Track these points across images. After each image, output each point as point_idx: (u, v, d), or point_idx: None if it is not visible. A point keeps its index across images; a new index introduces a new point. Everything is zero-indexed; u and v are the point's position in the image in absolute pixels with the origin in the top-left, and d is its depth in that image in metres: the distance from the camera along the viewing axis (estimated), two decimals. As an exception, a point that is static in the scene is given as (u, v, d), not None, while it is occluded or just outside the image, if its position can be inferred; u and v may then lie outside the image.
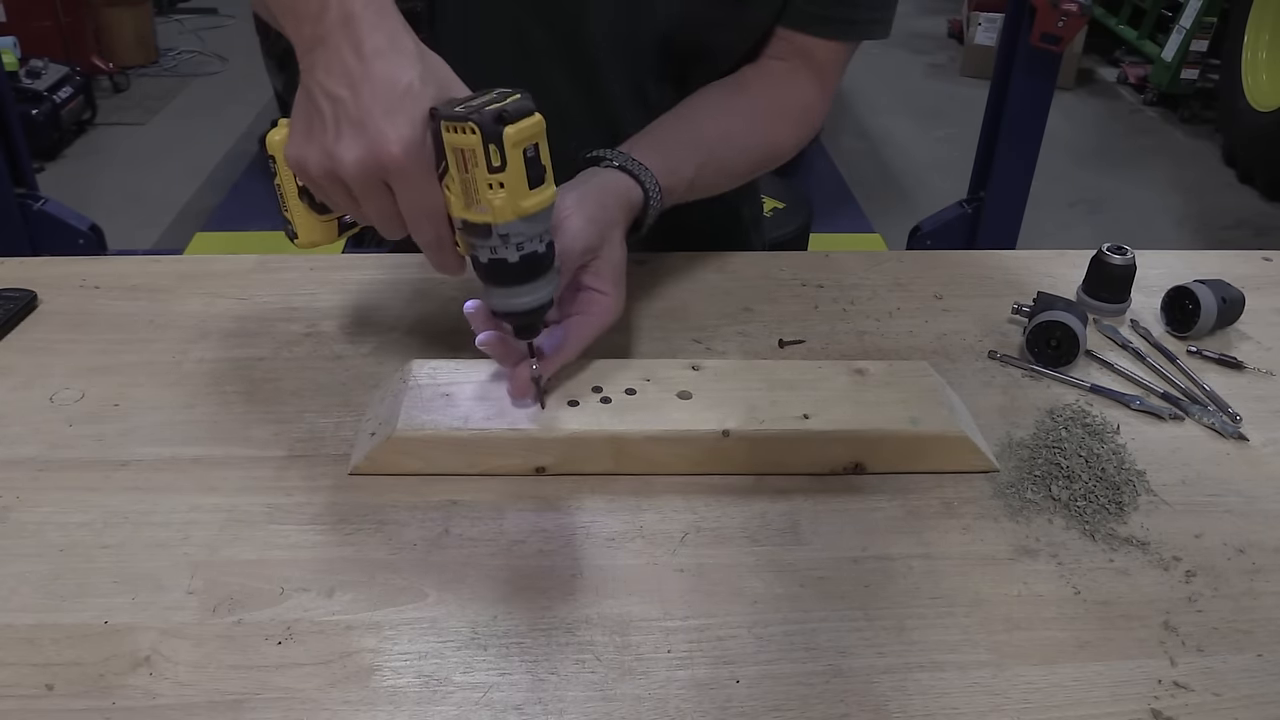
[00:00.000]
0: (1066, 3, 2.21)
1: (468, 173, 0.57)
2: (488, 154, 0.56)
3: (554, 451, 0.66)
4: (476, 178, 0.57)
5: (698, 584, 0.59)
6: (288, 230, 0.70)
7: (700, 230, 1.02)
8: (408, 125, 0.57)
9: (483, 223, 0.59)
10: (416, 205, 0.60)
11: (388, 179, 0.59)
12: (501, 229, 0.59)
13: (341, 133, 0.58)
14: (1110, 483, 0.67)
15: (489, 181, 0.57)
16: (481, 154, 0.56)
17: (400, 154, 0.57)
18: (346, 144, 0.58)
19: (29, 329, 0.81)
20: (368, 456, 0.66)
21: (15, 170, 2.44)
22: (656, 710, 0.51)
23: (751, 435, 0.66)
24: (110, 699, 0.51)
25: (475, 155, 0.56)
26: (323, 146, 0.59)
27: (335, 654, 0.54)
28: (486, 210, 0.58)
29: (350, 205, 0.62)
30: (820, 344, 0.82)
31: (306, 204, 0.68)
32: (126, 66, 4.50)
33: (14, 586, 0.57)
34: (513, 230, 0.59)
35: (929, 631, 0.56)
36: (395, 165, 0.58)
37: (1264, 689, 0.54)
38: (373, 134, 0.57)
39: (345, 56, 0.58)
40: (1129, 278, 0.87)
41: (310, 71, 0.60)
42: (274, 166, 0.67)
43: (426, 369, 0.70)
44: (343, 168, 0.58)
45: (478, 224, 0.59)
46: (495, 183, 0.57)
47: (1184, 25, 4.34)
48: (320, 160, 0.59)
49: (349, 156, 0.58)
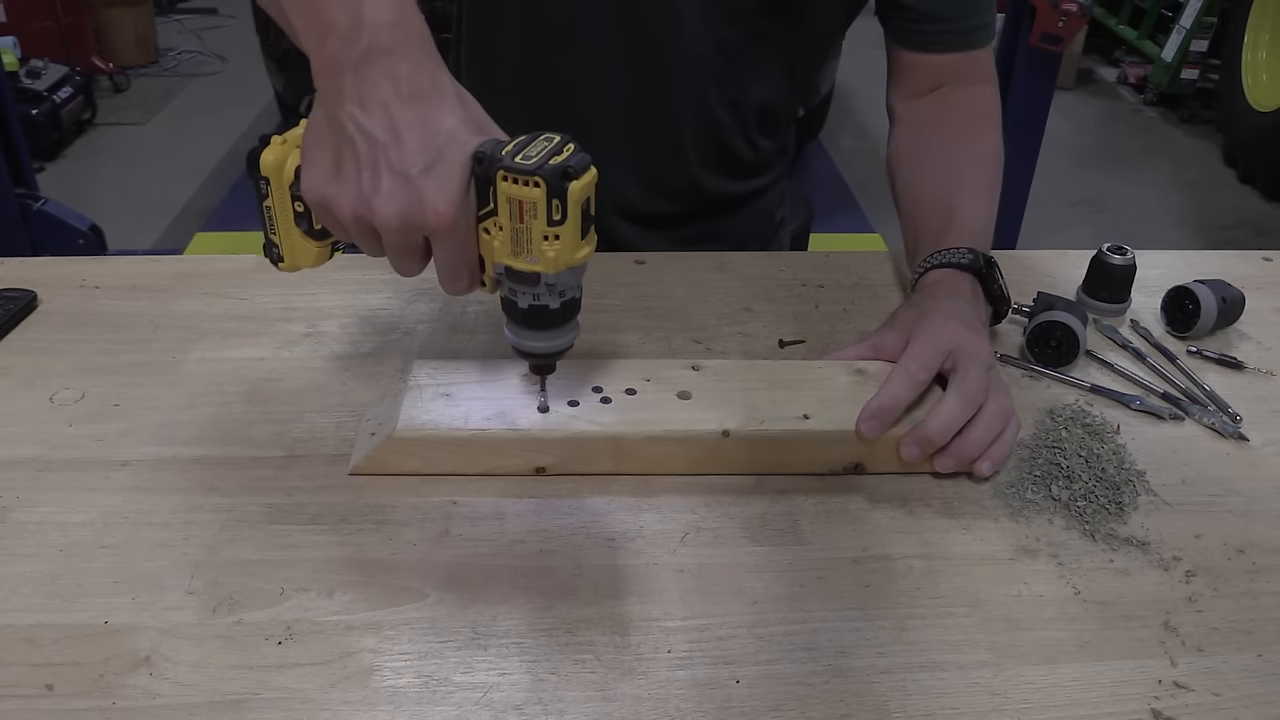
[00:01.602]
0: (1066, 3, 2.21)
1: (522, 223, 0.57)
2: (549, 208, 0.55)
3: (554, 451, 0.66)
4: (533, 229, 0.57)
5: (698, 584, 0.59)
6: (272, 254, 0.66)
7: (736, 232, 1.04)
8: (452, 183, 0.55)
9: (531, 272, 0.58)
10: (455, 257, 0.58)
11: (428, 234, 0.57)
12: (550, 279, 0.59)
13: (381, 182, 0.55)
14: (1110, 483, 0.67)
15: (545, 234, 0.56)
16: (544, 208, 0.55)
17: (447, 214, 0.55)
18: (387, 196, 0.55)
19: (29, 329, 0.81)
20: (368, 457, 0.66)
21: (15, 170, 2.44)
22: (656, 710, 0.51)
23: (751, 435, 0.66)
24: (110, 699, 0.51)
25: (536, 209, 0.56)
26: (359, 192, 0.56)
27: (335, 654, 0.54)
28: (537, 260, 0.57)
29: (372, 248, 0.59)
30: (820, 344, 0.82)
31: (304, 230, 0.64)
32: (126, 66, 4.50)
33: (14, 586, 0.57)
34: (560, 280, 0.59)
35: (929, 631, 0.56)
36: (441, 226, 0.56)
37: (1264, 689, 0.54)
38: (419, 190, 0.55)
39: (384, 94, 0.55)
40: (1129, 278, 0.87)
41: (338, 100, 0.56)
42: (265, 189, 0.63)
43: (426, 369, 0.70)
44: (381, 219, 0.56)
45: (525, 272, 0.58)
46: (551, 235, 0.56)
47: (1184, 25, 4.33)
48: (354, 207, 0.56)
49: (390, 210, 0.55)
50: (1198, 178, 3.97)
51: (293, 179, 0.62)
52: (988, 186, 0.88)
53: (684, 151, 0.96)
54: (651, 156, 0.96)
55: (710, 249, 0.97)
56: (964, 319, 0.72)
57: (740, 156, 1.00)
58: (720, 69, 0.91)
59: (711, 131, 0.96)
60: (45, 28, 4.04)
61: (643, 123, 0.93)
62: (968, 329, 0.70)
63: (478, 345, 0.80)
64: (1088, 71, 5.05)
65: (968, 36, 0.92)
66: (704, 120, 0.94)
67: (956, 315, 0.72)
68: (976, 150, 0.91)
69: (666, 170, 0.97)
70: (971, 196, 0.86)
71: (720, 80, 0.92)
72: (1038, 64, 2.34)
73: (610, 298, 0.87)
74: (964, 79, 0.94)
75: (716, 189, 1.00)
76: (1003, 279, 0.79)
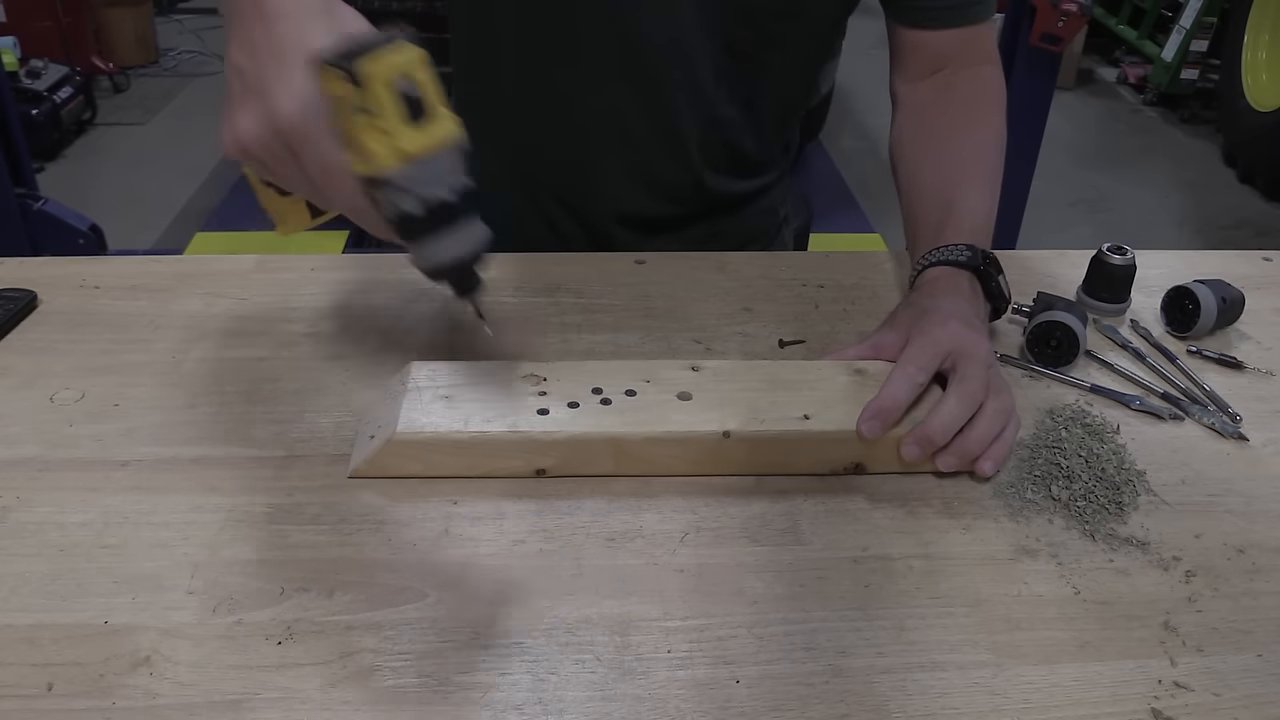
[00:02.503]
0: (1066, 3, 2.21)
1: (349, 120, 0.53)
2: (358, 97, 0.52)
3: (554, 454, 0.65)
4: (356, 124, 0.53)
5: (698, 584, 0.59)
6: (271, 223, 0.67)
7: (740, 231, 1.04)
8: (299, 82, 0.53)
9: (371, 176, 0.54)
10: (319, 166, 0.55)
11: (288, 143, 0.55)
12: (391, 176, 0.54)
13: (244, 103, 0.55)
14: (1110, 483, 0.67)
15: (367, 126, 0.52)
16: (350, 96, 0.52)
17: (292, 112, 0.53)
18: (245, 114, 0.55)
19: (29, 329, 0.81)
20: (367, 460, 0.65)
21: (15, 170, 2.44)
22: (656, 710, 0.51)
23: (752, 436, 0.66)
24: (110, 699, 0.51)
25: (345, 100, 0.52)
26: (230, 122, 0.56)
27: (335, 654, 0.54)
28: (370, 159, 0.53)
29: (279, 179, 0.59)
30: (820, 344, 0.82)
31: (269, 188, 0.64)
32: (126, 66, 4.49)
33: (14, 586, 0.57)
34: (404, 178, 0.54)
35: (929, 631, 0.56)
36: (289, 125, 0.54)
37: (1264, 689, 0.54)
38: (267, 98, 0.54)
39: (249, 24, 0.55)
40: (1129, 278, 0.87)
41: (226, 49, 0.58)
42: None
43: (426, 371, 0.70)
44: (246, 138, 0.56)
45: (367, 177, 0.54)
46: (373, 127, 0.52)
47: (1184, 25, 4.34)
48: (230, 138, 0.56)
49: (247, 125, 0.55)
50: (1197, 178, 3.97)
51: None
52: (989, 178, 0.88)
53: (688, 154, 0.95)
54: (653, 160, 0.96)
55: (714, 248, 0.97)
56: (963, 317, 0.72)
57: (747, 155, 0.99)
58: (729, 69, 0.91)
59: (717, 133, 0.95)
60: (45, 28, 4.04)
61: (643, 128, 0.93)
62: (967, 327, 0.70)
63: (478, 345, 0.80)
64: (1088, 71, 5.06)
65: (965, 11, 0.92)
66: (709, 121, 0.94)
67: (955, 314, 0.71)
68: (978, 139, 0.90)
69: (669, 172, 0.97)
70: (972, 190, 0.86)
71: (730, 80, 0.92)
72: (1038, 64, 2.34)
73: (610, 298, 0.87)
74: (966, 58, 0.93)
75: (721, 189, 1.00)
76: (1002, 276, 0.79)
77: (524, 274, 0.90)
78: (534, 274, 0.90)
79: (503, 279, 0.90)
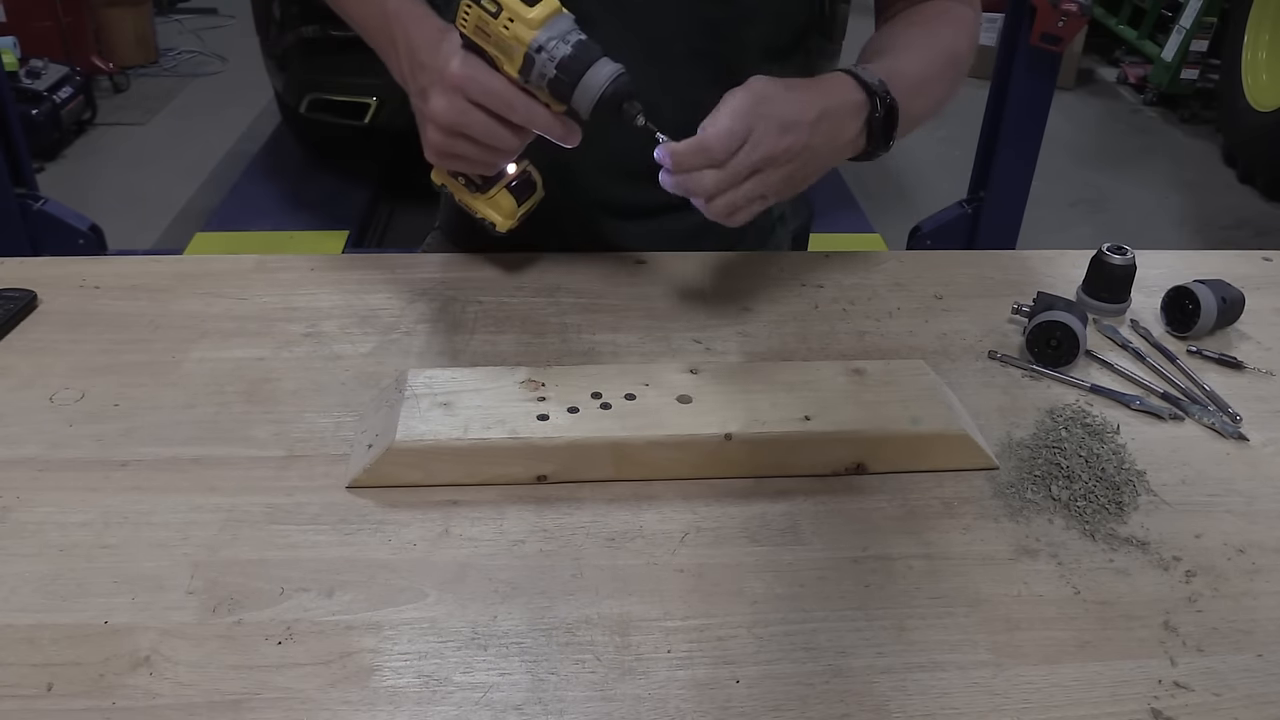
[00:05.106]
0: (1066, 3, 2.21)
1: (491, 36, 0.68)
2: (482, 6, 0.68)
3: (555, 460, 0.65)
4: (496, 32, 0.68)
5: (698, 584, 0.59)
6: (489, 230, 0.84)
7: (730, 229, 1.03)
8: (449, 49, 0.71)
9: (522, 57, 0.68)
10: (493, 96, 0.70)
11: (466, 92, 0.70)
12: (530, 43, 0.67)
13: (428, 95, 0.72)
14: (1110, 483, 0.67)
15: (503, 27, 0.68)
16: (479, 10, 0.68)
17: (456, 67, 0.70)
18: (432, 99, 0.72)
19: (29, 329, 0.81)
20: (366, 469, 0.65)
21: (15, 170, 2.44)
22: (656, 710, 0.51)
23: (753, 438, 0.66)
24: (110, 699, 0.51)
25: (482, 17, 0.68)
26: (425, 118, 0.73)
27: (335, 654, 0.54)
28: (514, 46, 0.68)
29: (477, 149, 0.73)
30: (820, 344, 0.82)
31: (475, 192, 0.83)
32: (126, 66, 4.49)
33: (14, 586, 0.57)
34: (539, 43, 0.67)
35: (929, 631, 0.56)
36: (460, 77, 0.69)
37: (1264, 689, 0.54)
38: (437, 75, 0.71)
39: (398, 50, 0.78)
40: (1129, 278, 0.87)
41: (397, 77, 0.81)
42: (449, 189, 0.84)
43: (423, 378, 0.70)
44: (440, 115, 0.71)
45: (522, 63, 0.68)
46: (506, 23, 0.68)
47: (1184, 25, 4.34)
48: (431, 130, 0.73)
49: (435, 103, 0.71)
50: (1197, 178, 3.97)
51: None
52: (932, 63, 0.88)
53: None
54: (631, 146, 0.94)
55: (705, 244, 0.96)
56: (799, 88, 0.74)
57: None
58: (704, 49, 0.90)
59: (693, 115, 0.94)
60: (45, 28, 4.04)
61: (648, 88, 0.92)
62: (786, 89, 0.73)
63: (478, 345, 0.80)
64: (1088, 71, 5.06)
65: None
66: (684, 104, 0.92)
67: (794, 86, 0.74)
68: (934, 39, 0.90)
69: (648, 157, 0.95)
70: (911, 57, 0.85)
71: (705, 59, 0.91)
72: (1038, 64, 2.34)
73: (610, 298, 0.87)
74: None
75: None
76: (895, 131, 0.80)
77: (524, 274, 0.91)
78: (534, 274, 0.91)
79: (503, 279, 0.90)
